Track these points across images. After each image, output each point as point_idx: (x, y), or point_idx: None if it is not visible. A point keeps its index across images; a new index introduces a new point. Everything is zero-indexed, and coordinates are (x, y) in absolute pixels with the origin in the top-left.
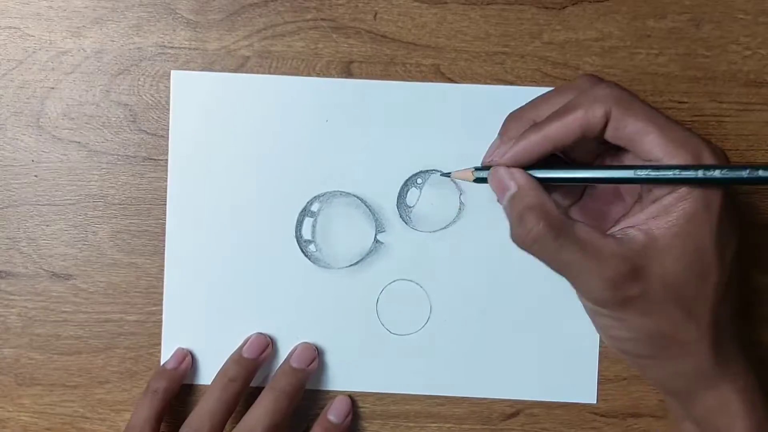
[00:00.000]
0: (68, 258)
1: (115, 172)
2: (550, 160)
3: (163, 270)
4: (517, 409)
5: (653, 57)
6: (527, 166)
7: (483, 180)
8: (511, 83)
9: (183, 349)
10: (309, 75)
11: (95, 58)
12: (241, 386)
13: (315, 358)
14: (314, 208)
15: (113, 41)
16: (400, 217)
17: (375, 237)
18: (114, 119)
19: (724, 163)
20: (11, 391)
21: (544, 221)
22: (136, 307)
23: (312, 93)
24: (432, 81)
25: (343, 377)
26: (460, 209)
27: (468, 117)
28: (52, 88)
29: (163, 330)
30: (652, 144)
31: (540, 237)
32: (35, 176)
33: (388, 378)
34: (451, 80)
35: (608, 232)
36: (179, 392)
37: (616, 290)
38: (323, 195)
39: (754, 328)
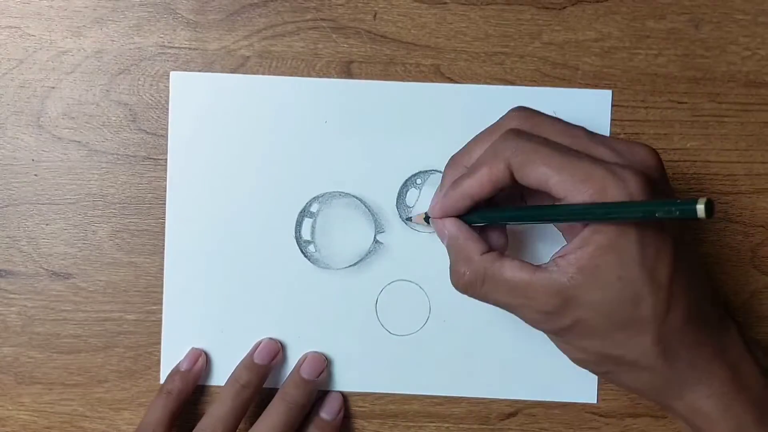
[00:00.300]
0: (68, 257)
1: (115, 172)
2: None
3: (162, 269)
4: (515, 409)
5: (652, 57)
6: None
7: None
8: (511, 83)
9: (197, 349)
10: (309, 75)
11: (95, 57)
12: (253, 392)
13: (324, 369)
14: (313, 208)
15: (113, 41)
16: (400, 217)
17: (374, 237)
18: (114, 119)
19: (639, 185)
20: (11, 389)
21: (469, 270)
22: (136, 306)
23: (311, 94)
24: (432, 81)
25: (342, 377)
26: None
27: (468, 117)
28: (53, 87)
29: (162, 329)
30: (556, 186)
31: (469, 284)
32: (35, 175)
33: (387, 378)
34: (451, 80)
35: (545, 263)
36: (193, 393)
37: (550, 322)
38: (322, 195)
39: (754, 328)
